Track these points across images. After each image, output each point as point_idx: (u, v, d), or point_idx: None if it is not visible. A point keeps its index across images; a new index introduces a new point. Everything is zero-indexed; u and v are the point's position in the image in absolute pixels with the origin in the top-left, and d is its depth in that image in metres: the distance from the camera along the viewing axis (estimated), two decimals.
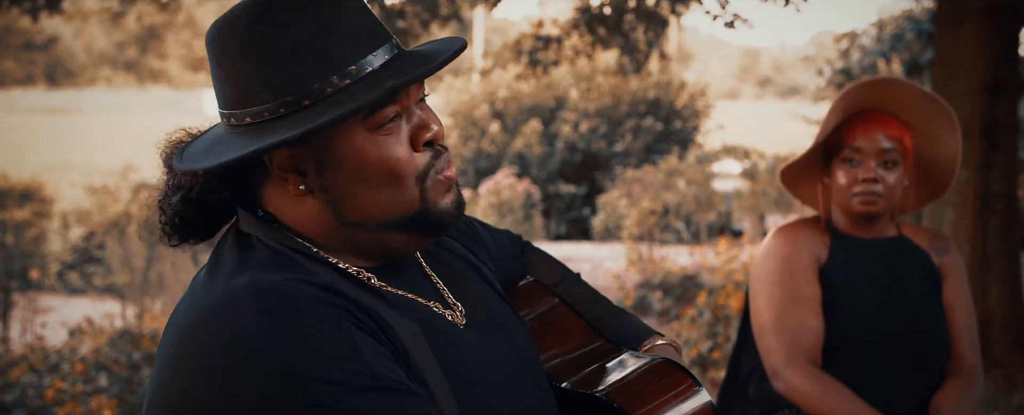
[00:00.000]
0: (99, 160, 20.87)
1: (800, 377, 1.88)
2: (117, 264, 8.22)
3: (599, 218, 13.21)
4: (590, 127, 15.45)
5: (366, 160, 0.99)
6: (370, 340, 0.90)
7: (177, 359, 0.90)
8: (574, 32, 6.97)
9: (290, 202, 1.02)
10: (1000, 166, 4.89)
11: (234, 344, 0.86)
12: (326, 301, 0.91)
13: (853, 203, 1.96)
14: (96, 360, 5.10)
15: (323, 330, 0.88)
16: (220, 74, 1.01)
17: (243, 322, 0.87)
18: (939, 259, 2.05)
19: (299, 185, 1.00)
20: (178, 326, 0.94)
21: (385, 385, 0.86)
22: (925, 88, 2.05)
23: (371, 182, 1.00)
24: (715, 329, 5.27)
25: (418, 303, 1.05)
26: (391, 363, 0.90)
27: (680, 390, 1.07)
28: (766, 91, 59.39)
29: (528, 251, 1.42)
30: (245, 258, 0.98)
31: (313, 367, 0.84)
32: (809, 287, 1.96)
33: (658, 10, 6.83)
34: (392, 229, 1.03)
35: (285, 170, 1.00)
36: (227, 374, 0.85)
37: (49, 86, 43.50)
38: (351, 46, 0.98)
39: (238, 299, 0.90)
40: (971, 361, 2.01)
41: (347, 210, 1.01)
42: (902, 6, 11.43)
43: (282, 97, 0.96)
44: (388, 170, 1.00)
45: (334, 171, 0.99)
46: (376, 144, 0.99)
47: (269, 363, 0.84)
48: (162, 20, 16.75)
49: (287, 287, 0.91)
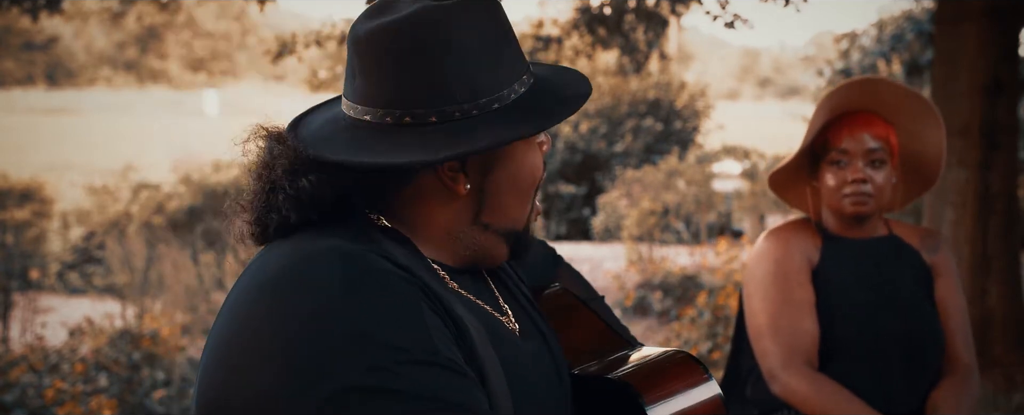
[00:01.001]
0: (99, 160, 20.87)
1: (797, 379, 1.88)
2: (117, 264, 8.22)
3: (599, 218, 13.21)
4: (590, 127, 15.45)
5: (522, 166, 1.06)
6: (438, 321, 0.93)
7: (252, 304, 0.91)
8: (574, 32, 6.97)
9: (434, 200, 1.04)
10: (1000, 166, 4.90)
11: (315, 295, 0.88)
12: (405, 278, 0.93)
13: (843, 204, 1.96)
14: (96, 360, 5.11)
15: (398, 301, 0.90)
16: (394, 70, 0.99)
17: (326, 278, 0.89)
18: (930, 257, 2.05)
19: (466, 184, 1.03)
20: (256, 275, 0.94)
21: (443, 363, 0.88)
22: (906, 85, 2.05)
23: (520, 188, 1.07)
24: (715, 329, 5.27)
25: (482, 307, 1.08)
26: (453, 346, 0.92)
27: (692, 379, 1.10)
28: (766, 91, 59.41)
29: (560, 265, 1.49)
30: (330, 227, 0.99)
31: (382, 331, 0.87)
32: (802, 289, 1.96)
33: (658, 10, 6.84)
34: (503, 239, 1.09)
35: (454, 169, 1.03)
36: (303, 323, 0.87)
37: (49, 86, 43.50)
38: (520, 59, 1.06)
39: (324, 257, 0.92)
40: (966, 359, 2.01)
41: (487, 212, 1.06)
42: (902, 6, 11.44)
43: (476, 99, 0.99)
44: (532, 177, 1.08)
45: (498, 174, 1.05)
46: (532, 152, 1.08)
47: (345, 319, 0.86)
48: (162, 20, 16.78)
49: (372, 259, 0.93)
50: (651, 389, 1.08)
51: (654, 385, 1.08)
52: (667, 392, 1.08)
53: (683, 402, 1.08)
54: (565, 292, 1.35)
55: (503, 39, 1.03)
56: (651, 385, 1.08)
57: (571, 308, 1.31)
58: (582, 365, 1.20)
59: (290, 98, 39.57)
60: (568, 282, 1.43)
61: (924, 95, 2.03)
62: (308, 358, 0.85)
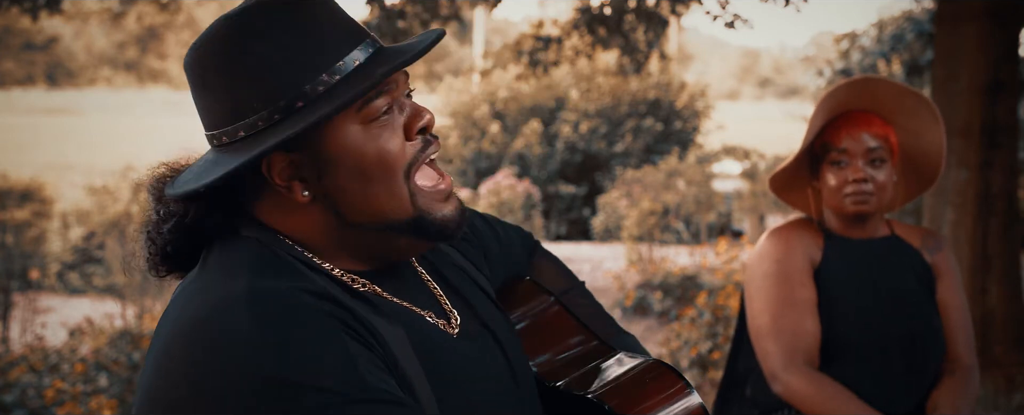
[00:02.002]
0: (99, 160, 20.87)
1: (798, 379, 1.88)
2: (117, 264, 8.22)
3: (599, 218, 13.21)
4: (590, 127, 15.45)
5: (363, 153, 1.00)
6: (364, 350, 0.90)
7: (169, 360, 0.89)
8: (574, 32, 6.97)
9: (288, 214, 1.03)
10: (1000, 166, 4.89)
11: (231, 349, 0.86)
12: (322, 310, 0.91)
13: (845, 204, 1.96)
14: (96, 360, 5.10)
15: (319, 339, 0.88)
16: (206, 95, 1.01)
17: (240, 327, 0.87)
18: (932, 257, 2.05)
19: (303, 191, 1.00)
20: (171, 328, 0.93)
21: (377, 397, 0.86)
22: (903, 83, 2.06)
23: (367, 176, 1.00)
24: (715, 329, 5.27)
25: (410, 311, 1.05)
26: (384, 374, 0.90)
27: (671, 392, 1.07)
28: (766, 91, 59.39)
29: (538, 253, 1.42)
30: (240, 261, 0.98)
31: (308, 375, 0.84)
32: (804, 289, 1.96)
33: (658, 10, 6.83)
34: (394, 232, 1.04)
35: (287, 178, 1.00)
36: (221, 379, 0.85)
37: (49, 86, 43.49)
38: (334, 45, 0.99)
39: (235, 304, 0.89)
40: (967, 359, 2.01)
41: (348, 211, 1.02)
42: (902, 6, 11.44)
43: (275, 103, 0.97)
44: (382, 162, 1.00)
45: (333, 172, 1.00)
46: (371, 136, 1.00)
47: (265, 369, 0.84)
48: (162, 20, 16.69)
49: (285, 294, 0.91)
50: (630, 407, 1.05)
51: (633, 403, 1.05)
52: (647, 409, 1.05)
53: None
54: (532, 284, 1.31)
55: (304, 29, 0.99)
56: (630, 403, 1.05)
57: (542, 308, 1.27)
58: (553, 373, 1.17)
59: None
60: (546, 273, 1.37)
61: (923, 93, 2.03)
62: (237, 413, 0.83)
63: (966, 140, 4.86)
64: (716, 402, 2.16)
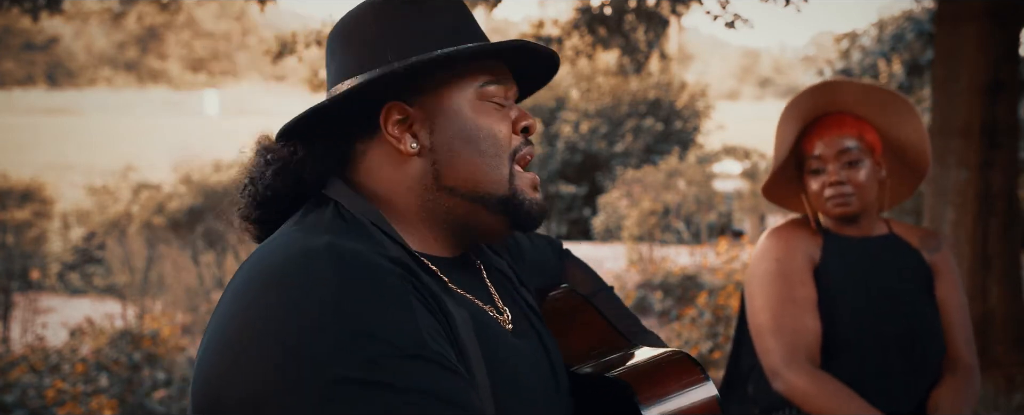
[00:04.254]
0: (99, 160, 20.88)
1: (800, 377, 1.89)
2: (117, 264, 8.23)
3: (599, 218, 13.22)
4: (590, 127, 15.46)
5: (476, 124, 1.06)
6: (430, 318, 0.94)
7: (248, 299, 0.92)
8: (574, 32, 6.97)
9: (391, 167, 1.07)
10: (1000, 166, 4.90)
11: (310, 296, 0.89)
12: (398, 274, 0.94)
13: (828, 207, 1.99)
14: (96, 360, 5.11)
15: (390, 297, 0.91)
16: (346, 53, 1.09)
17: (321, 274, 0.90)
18: (931, 257, 2.05)
19: (411, 143, 1.05)
20: (248, 273, 0.96)
21: (434, 358, 0.89)
22: (865, 80, 2.06)
23: (475, 144, 1.06)
24: (715, 329, 5.28)
25: (473, 302, 1.08)
26: (444, 342, 0.93)
27: (689, 379, 1.10)
28: (766, 91, 59.40)
29: (567, 259, 1.46)
30: (322, 223, 1.02)
31: (375, 326, 0.88)
32: (804, 287, 1.97)
33: (658, 10, 6.83)
34: (483, 206, 1.08)
35: (399, 129, 1.06)
36: (299, 319, 0.88)
37: (49, 86, 43.52)
38: (470, 30, 1.10)
39: (317, 256, 0.92)
40: (967, 358, 2.01)
41: (447, 171, 1.06)
42: (902, 6, 11.45)
43: (409, 56, 1.04)
44: (492, 137, 1.07)
45: (444, 129, 1.06)
46: (485, 112, 1.07)
47: (339, 317, 0.87)
48: (162, 20, 16.70)
49: (363, 253, 0.94)
50: (647, 388, 1.07)
51: (650, 384, 1.08)
52: (663, 392, 1.08)
53: (679, 402, 1.08)
54: (570, 293, 1.34)
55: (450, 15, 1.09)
56: (647, 384, 1.08)
57: (576, 309, 1.31)
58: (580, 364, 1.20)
59: (290, 98, 39.46)
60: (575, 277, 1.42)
61: (889, 87, 2.04)
62: (303, 353, 0.86)
63: (966, 140, 4.87)
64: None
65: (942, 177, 4.95)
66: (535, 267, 1.36)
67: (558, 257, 1.44)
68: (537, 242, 1.41)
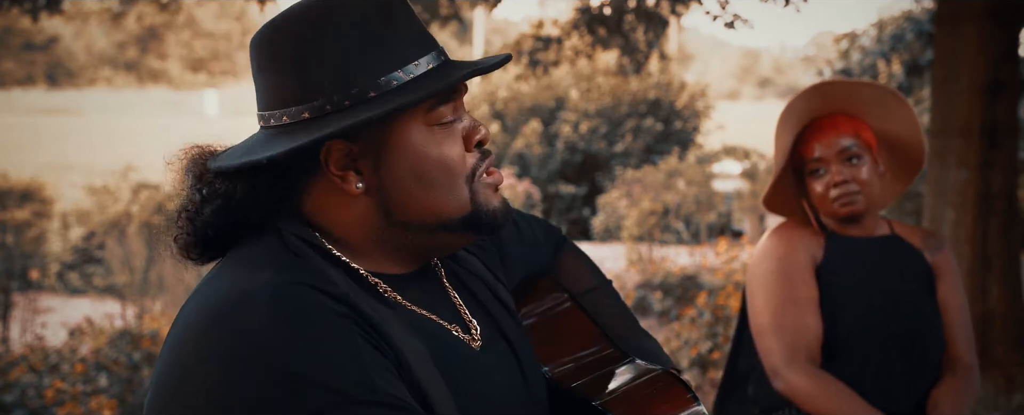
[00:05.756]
0: (99, 160, 20.88)
1: (800, 376, 1.89)
2: (117, 264, 8.22)
3: (599, 218, 13.22)
4: (590, 127, 15.46)
5: (426, 156, 1.00)
6: (377, 355, 0.90)
7: (185, 348, 0.90)
8: (574, 32, 6.97)
9: (335, 206, 1.02)
10: (1000, 166, 4.89)
11: (244, 341, 0.86)
12: (339, 312, 0.91)
13: (835, 208, 1.98)
14: (96, 360, 5.10)
15: (332, 339, 0.88)
16: (272, 73, 1.00)
17: (257, 320, 0.87)
18: (932, 257, 2.06)
19: (356, 183, 1.00)
20: (190, 316, 0.93)
21: (385, 401, 0.86)
22: (853, 78, 2.07)
23: (426, 180, 1.01)
24: (715, 329, 5.27)
25: (434, 322, 1.04)
26: (394, 379, 0.90)
27: (677, 403, 1.07)
28: (766, 92, 59.40)
29: (564, 249, 1.40)
30: (266, 256, 0.98)
31: (317, 373, 0.84)
32: (806, 287, 1.97)
33: (658, 10, 6.83)
34: (441, 230, 1.04)
35: (343, 167, 1.00)
36: (233, 370, 0.85)
37: (49, 86, 43.51)
38: (410, 46, 1.01)
39: (254, 297, 0.89)
40: (967, 359, 2.01)
41: (398, 210, 1.01)
42: (902, 6, 11.44)
43: (347, 90, 0.97)
44: (445, 167, 1.01)
45: (392, 167, 1.00)
46: (435, 140, 1.01)
47: (276, 364, 0.84)
48: (162, 20, 16.69)
49: (304, 292, 0.91)
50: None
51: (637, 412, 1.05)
52: None
53: None
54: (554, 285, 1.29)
55: (385, 26, 1.00)
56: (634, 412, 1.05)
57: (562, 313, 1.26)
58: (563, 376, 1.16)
59: None
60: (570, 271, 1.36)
61: (878, 82, 2.04)
62: (244, 407, 0.84)
63: (966, 140, 4.86)
64: (716, 401, 2.16)
65: (942, 177, 4.94)
66: (520, 257, 1.30)
67: (553, 245, 1.38)
68: (529, 229, 1.35)
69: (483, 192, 1.05)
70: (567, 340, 1.23)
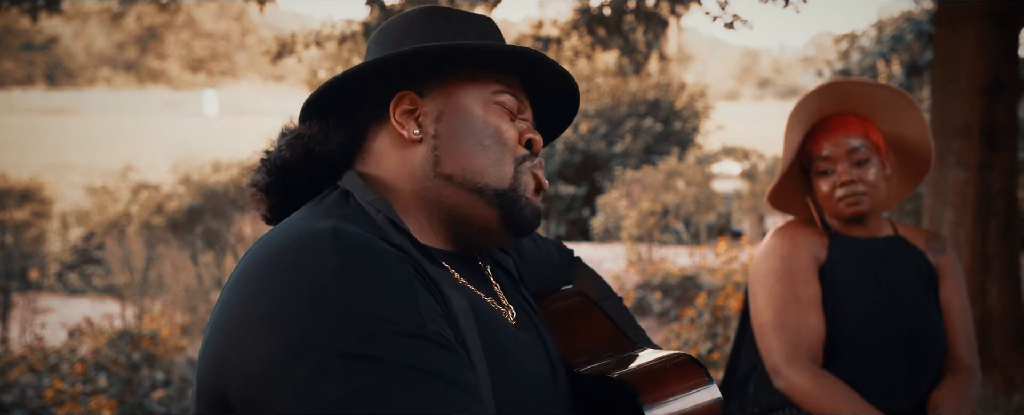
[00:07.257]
0: (99, 160, 20.88)
1: (801, 375, 1.89)
2: (117, 264, 8.22)
3: (599, 219, 13.22)
4: (590, 128, 15.46)
5: (484, 121, 1.11)
6: (430, 299, 0.95)
7: (247, 280, 0.94)
8: (574, 33, 6.97)
9: (395, 154, 1.11)
10: (1000, 166, 4.89)
11: (310, 277, 0.90)
12: (399, 256, 0.96)
13: (841, 208, 1.98)
14: (95, 360, 5.11)
15: (390, 278, 0.93)
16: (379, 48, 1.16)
17: (321, 257, 0.91)
18: (935, 259, 2.06)
19: (414, 130, 1.10)
20: (256, 252, 0.98)
21: (432, 338, 0.90)
22: (866, 78, 2.06)
23: (478, 140, 1.10)
24: (714, 330, 5.27)
25: (475, 293, 1.09)
26: (443, 323, 0.94)
27: (693, 382, 1.09)
28: (766, 92, 59.39)
29: (576, 266, 1.47)
30: (329, 209, 1.05)
31: (373, 305, 0.89)
32: (809, 286, 1.97)
33: (658, 11, 6.83)
34: (480, 197, 1.10)
35: (406, 114, 1.11)
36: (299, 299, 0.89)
37: (49, 86, 43.52)
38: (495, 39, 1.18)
39: (319, 237, 0.94)
40: (968, 360, 2.02)
41: (446, 159, 1.09)
42: (902, 7, 11.46)
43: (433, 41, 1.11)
44: (498, 136, 1.11)
45: (450, 121, 1.10)
46: (495, 113, 1.12)
47: (338, 297, 0.88)
48: (162, 20, 16.73)
49: (367, 237, 0.96)
50: (651, 389, 1.07)
51: (653, 386, 1.08)
52: (667, 393, 1.07)
53: (682, 404, 1.07)
54: (577, 293, 1.34)
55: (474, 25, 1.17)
56: (650, 385, 1.08)
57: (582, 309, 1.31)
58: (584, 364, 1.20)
59: (289, 98, 39.35)
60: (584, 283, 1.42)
61: (893, 85, 2.04)
62: (301, 331, 0.87)
63: (966, 140, 4.86)
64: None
65: (942, 178, 4.94)
66: (538, 271, 1.37)
67: (566, 263, 1.45)
68: (543, 246, 1.43)
69: (525, 179, 1.12)
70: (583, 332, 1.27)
